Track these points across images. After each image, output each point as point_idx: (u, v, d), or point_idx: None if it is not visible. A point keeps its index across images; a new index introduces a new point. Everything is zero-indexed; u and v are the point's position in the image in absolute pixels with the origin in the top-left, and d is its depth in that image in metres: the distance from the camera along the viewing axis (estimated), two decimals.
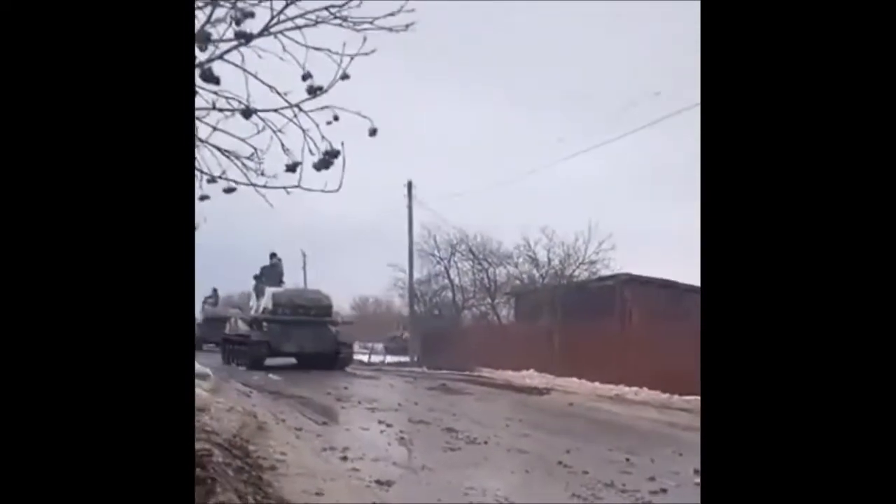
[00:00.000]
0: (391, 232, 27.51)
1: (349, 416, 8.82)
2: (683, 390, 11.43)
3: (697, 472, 5.42)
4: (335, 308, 18.71)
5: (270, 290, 16.92)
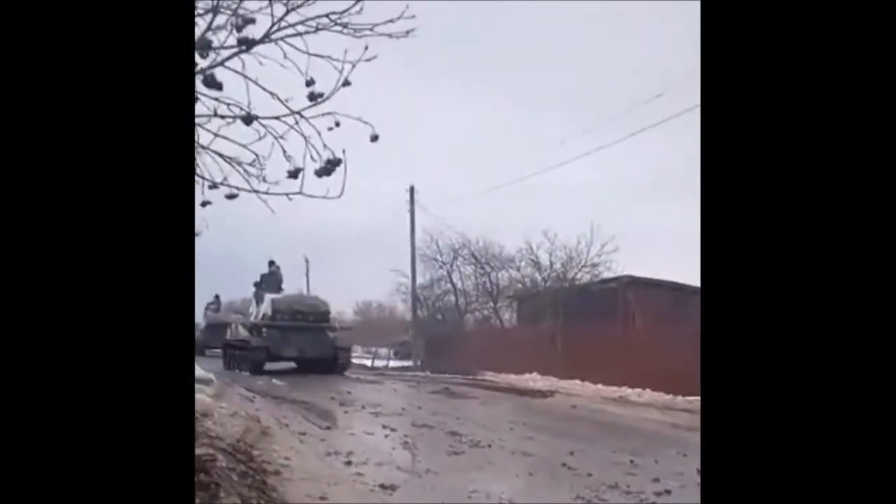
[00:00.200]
0: (393, 237, 27.52)
1: (353, 420, 8.81)
2: (687, 391, 11.42)
3: None
4: (336, 313, 18.91)
5: (269, 296, 17.18)
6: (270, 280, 18.38)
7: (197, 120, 3.20)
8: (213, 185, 3.57)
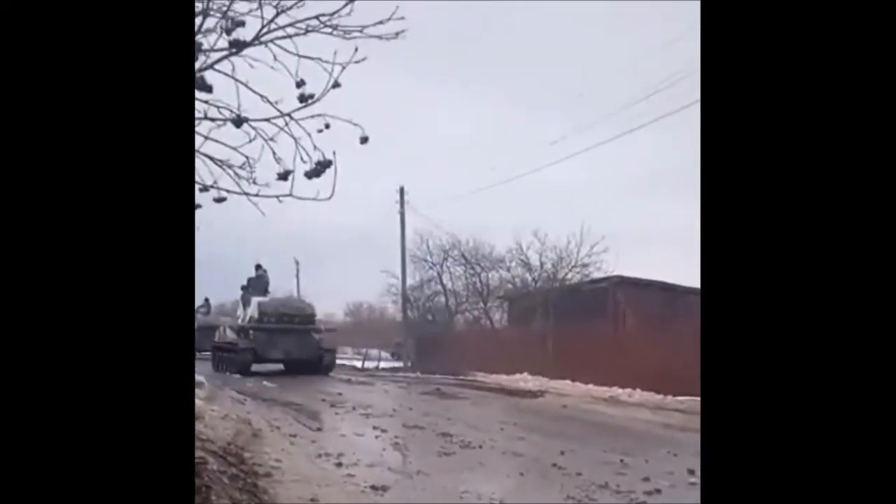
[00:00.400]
0: (384, 238, 27.57)
1: (344, 422, 8.79)
2: (677, 391, 11.47)
3: (692, 472, 5.48)
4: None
5: (256, 299, 17.56)
6: (257, 284, 18.73)
7: None
8: (204, 188, 3.56)
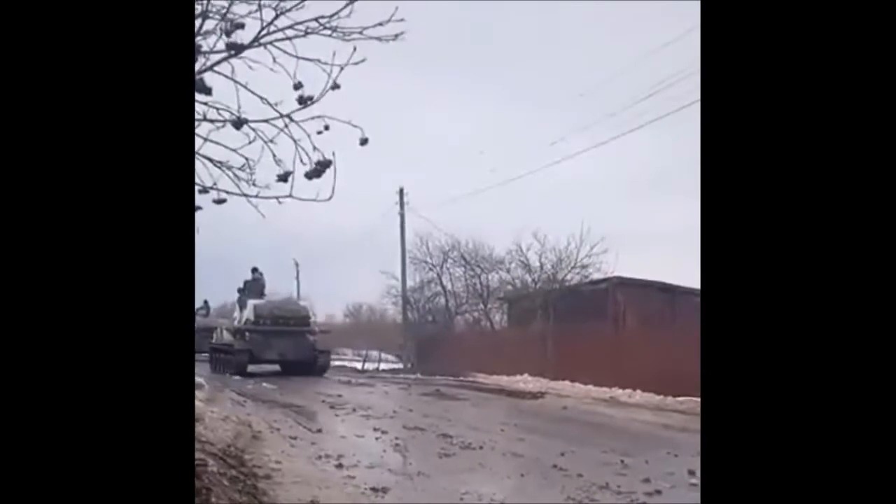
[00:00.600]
0: (383, 239, 27.52)
1: (344, 423, 8.79)
2: (677, 392, 11.45)
3: (692, 473, 5.48)
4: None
5: (252, 302, 17.83)
6: (254, 286, 18.97)
7: None
8: (204, 190, 3.55)
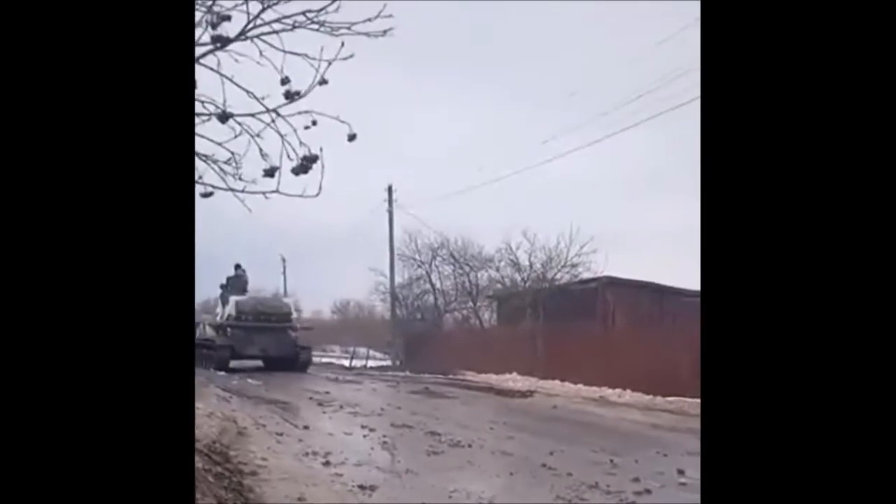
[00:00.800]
0: (372, 236, 27.49)
1: (331, 420, 8.75)
2: (666, 391, 11.51)
3: (681, 473, 5.49)
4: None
5: (234, 298, 18.01)
6: (236, 283, 19.19)
7: None
8: None
